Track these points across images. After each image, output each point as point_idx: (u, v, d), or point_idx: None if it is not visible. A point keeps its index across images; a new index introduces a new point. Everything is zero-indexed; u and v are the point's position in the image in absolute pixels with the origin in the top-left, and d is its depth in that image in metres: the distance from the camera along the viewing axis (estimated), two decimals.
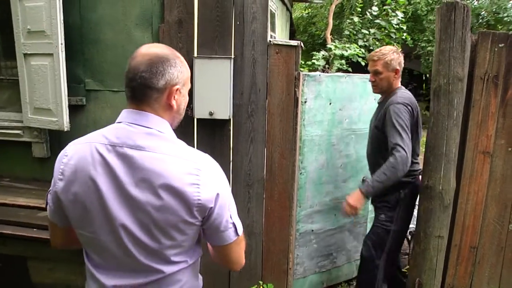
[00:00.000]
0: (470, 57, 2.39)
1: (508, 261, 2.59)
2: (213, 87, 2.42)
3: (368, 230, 3.01)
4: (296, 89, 2.49)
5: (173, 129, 1.18)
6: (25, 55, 2.72)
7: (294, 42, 2.47)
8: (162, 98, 1.13)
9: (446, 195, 2.44)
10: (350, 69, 6.67)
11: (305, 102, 2.72)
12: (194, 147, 2.58)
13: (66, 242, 1.28)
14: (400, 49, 2.74)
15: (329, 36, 8.45)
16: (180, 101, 1.18)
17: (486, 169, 2.53)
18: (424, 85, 14.60)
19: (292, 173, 2.59)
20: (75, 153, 1.11)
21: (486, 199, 2.55)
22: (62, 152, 1.15)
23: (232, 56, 2.44)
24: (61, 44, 2.55)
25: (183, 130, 2.55)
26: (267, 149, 2.57)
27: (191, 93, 2.46)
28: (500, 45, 2.37)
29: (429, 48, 10.26)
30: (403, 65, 2.54)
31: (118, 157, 1.08)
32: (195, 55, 2.47)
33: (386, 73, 2.53)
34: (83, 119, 2.79)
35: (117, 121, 1.14)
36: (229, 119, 2.51)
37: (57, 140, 2.85)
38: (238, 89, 2.49)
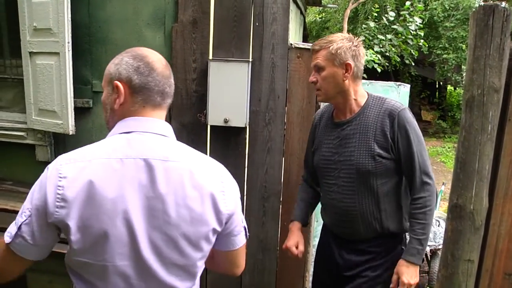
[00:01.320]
0: (507, 66, 2.20)
1: None
2: (229, 93, 2.25)
3: None
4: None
5: None
6: (31, 53, 2.58)
7: None
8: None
9: (477, 216, 2.23)
10: (365, 75, 6.49)
11: None
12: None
13: (14, 276, 1.10)
14: (417, 55, 2.25)
15: None
16: None
17: None
18: (437, 93, 14.34)
19: None
20: (81, 174, 0.97)
21: None
22: (51, 173, 0.98)
23: (250, 60, 2.28)
24: (68, 42, 2.40)
25: (195, 138, 2.39)
26: (285, 160, 2.40)
27: (205, 98, 2.32)
28: None
29: (444, 56, 10.04)
30: (363, 61, 1.71)
31: (139, 171, 0.99)
32: (210, 57, 2.31)
33: (331, 68, 1.65)
34: (89, 122, 2.63)
35: (123, 130, 1.04)
36: (245, 127, 2.34)
37: (62, 143, 2.70)
38: (256, 95, 2.33)
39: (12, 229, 1.02)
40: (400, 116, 1.65)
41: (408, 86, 3.06)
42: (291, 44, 2.29)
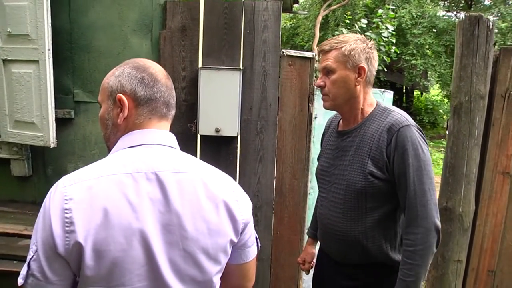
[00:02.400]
0: (491, 74, 2.28)
1: None
2: (220, 101, 2.20)
3: None
4: (310, 105, 2.30)
5: None
6: (5, 61, 2.43)
7: (308, 54, 2.29)
8: None
9: (466, 218, 2.30)
10: None
11: (315, 118, 2.53)
12: None
13: None
14: (388, 61, 2.12)
15: (315, 48, 8.37)
16: None
17: (505, 190, 2.42)
18: (404, 97, 14.77)
19: (304, 195, 2.39)
20: (88, 193, 0.88)
21: (505, 221, 2.44)
22: (54, 198, 0.89)
23: (241, 68, 2.24)
24: (48, 50, 2.27)
25: (185, 148, 2.31)
26: (277, 169, 2.37)
27: (194, 107, 2.25)
28: None
29: (412, 62, 10.36)
30: (376, 65, 1.54)
31: (151, 186, 0.92)
32: (200, 65, 2.25)
33: (343, 71, 1.47)
34: (70, 134, 2.50)
35: (129, 145, 0.99)
36: (237, 136, 2.29)
37: (41, 156, 2.54)
38: (247, 104, 2.28)
39: (23, 269, 0.90)
40: (401, 133, 1.42)
41: (392, 92, 3.10)
42: (283, 52, 2.27)
